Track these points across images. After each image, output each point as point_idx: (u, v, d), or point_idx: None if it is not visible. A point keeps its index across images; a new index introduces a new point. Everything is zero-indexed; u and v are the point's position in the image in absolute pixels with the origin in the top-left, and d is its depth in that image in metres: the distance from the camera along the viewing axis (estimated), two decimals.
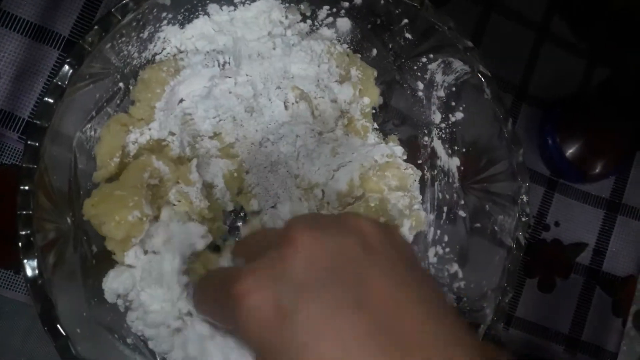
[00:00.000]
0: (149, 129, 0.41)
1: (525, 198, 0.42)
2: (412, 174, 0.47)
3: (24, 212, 0.32)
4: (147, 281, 0.39)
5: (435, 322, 0.25)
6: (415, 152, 0.48)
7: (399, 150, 0.46)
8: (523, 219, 0.42)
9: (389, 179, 0.45)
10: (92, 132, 0.40)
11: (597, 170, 0.60)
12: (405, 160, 0.47)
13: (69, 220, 0.37)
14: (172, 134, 0.42)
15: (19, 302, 0.46)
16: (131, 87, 0.41)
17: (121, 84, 0.40)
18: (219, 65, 0.44)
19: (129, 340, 0.39)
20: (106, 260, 0.39)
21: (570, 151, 0.59)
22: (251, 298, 0.25)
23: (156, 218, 0.40)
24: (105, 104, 0.39)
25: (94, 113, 0.38)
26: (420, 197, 0.48)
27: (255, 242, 0.31)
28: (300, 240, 0.26)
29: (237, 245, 0.34)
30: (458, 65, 0.42)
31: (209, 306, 0.32)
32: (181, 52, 0.43)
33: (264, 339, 0.25)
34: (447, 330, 0.25)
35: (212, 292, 0.30)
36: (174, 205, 0.40)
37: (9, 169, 0.46)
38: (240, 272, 0.26)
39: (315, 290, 0.25)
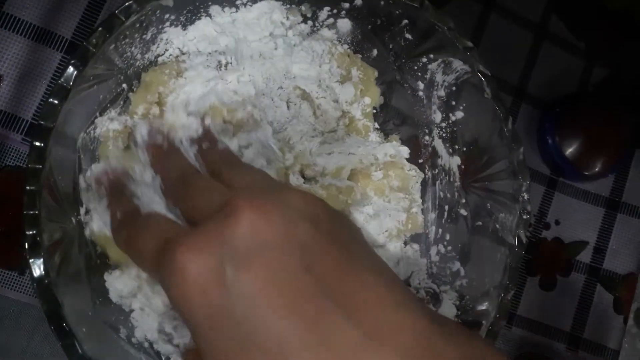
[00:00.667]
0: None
1: (526, 196, 0.42)
2: (414, 176, 0.47)
3: (31, 212, 0.33)
4: (150, 281, 0.39)
5: (385, 289, 0.26)
6: (416, 152, 0.48)
7: (405, 150, 0.46)
8: (524, 217, 0.42)
9: (391, 179, 0.46)
10: (96, 133, 0.40)
11: (596, 169, 0.60)
12: (407, 160, 0.47)
13: (73, 220, 0.37)
14: None
15: (23, 303, 0.46)
16: (134, 89, 0.41)
17: (124, 85, 0.40)
18: (220, 67, 0.44)
19: (134, 340, 0.39)
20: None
21: (569, 150, 0.60)
22: (191, 262, 0.25)
23: None
24: (109, 105, 0.40)
25: (97, 114, 0.39)
26: (420, 200, 0.48)
27: (197, 195, 0.30)
28: (245, 212, 0.25)
29: (174, 190, 0.32)
30: (458, 65, 0.43)
31: (136, 253, 0.30)
32: (183, 53, 0.43)
33: (200, 307, 0.25)
34: (397, 296, 0.26)
35: (145, 242, 0.29)
36: None
37: (13, 171, 0.47)
38: (181, 232, 0.26)
39: (259, 256, 0.25)
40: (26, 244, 0.32)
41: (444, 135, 0.47)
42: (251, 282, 0.24)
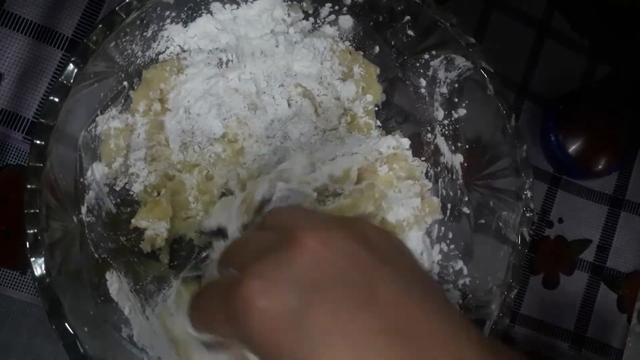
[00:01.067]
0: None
1: (529, 193, 0.42)
2: (418, 166, 0.47)
3: (31, 211, 0.32)
4: None
5: (443, 321, 0.25)
6: (418, 150, 0.48)
7: (406, 142, 0.46)
8: (527, 215, 0.42)
9: (396, 171, 0.45)
10: (97, 131, 0.40)
11: (600, 167, 0.60)
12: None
13: (74, 219, 0.37)
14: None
15: (25, 302, 0.46)
16: (135, 87, 0.41)
17: (125, 83, 0.40)
18: (221, 64, 0.44)
19: (136, 339, 0.39)
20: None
21: (572, 147, 0.59)
22: (259, 301, 0.24)
23: None
24: (110, 103, 0.39)
25: (98, 112, 0.39)
26: (430, 184, 0.47)
27: (250, 245, 0.29)
28: (306, 242, 0.25)
29: (226, 255, 0.31)
30: (460, 61, 0.43)
31: (208, 319, 0.29)
32: (184, 51, 0.43)
33: (274, 343, 0.25)
34: (456, 328, 0.26)
35: (212, 303, 0.28)
36: None
37: (14, 170, 0.46)
38: (244, 276, 0.25)
39: (323, 291, 0.25)
40: (27, 243, 0.32)
41: (446, 132, 0.47)
42: (320, 316, 0.24)
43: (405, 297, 0.25)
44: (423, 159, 0.48)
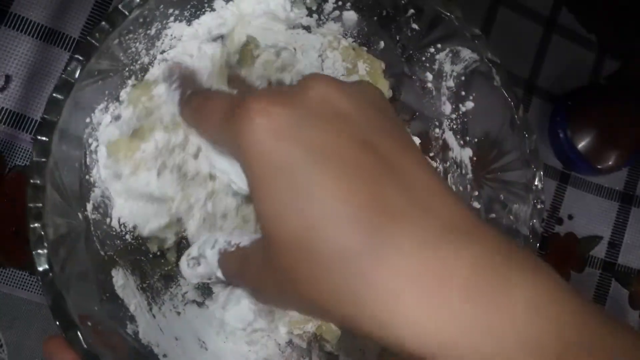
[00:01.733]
0: None
1: (539, 185, 0.41)
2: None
3: (34, 205, 0.32)
4: None
5: (438, 177, 0.26)
6: (426, 146, 0.48)
7: (415, 140, 0.45)
8: (538, 207, 0.41)
9: None
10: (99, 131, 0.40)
11: (609, 162, 0.59)
12: None
13: (80, 216, 0.37)
14: None
15: (34, 303, 0.46)
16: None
17: (130, 82, 0.40)
18: None
19: (141, 336, 0.39)
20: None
21: (582, 144, 0.59)
22: (268, 111, 0.25)
23: None
24: (114, 102, 0.39)
25: (103, 110, 0.39)
26: (441, 167, 0.47)
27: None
28: (322, 82, 0.26)
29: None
30: (466, 53, 0.42)
31: (202, 118, 0.31)
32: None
33: (269, 153, 0.25)
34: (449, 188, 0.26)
35: (210, 104, 0.30)
36: None
37: (23, 171, 0.47)
38: (254, 94, 0.26)
39: (331, 121, 0.25)
40: (30, 238, 0.32)
41: (454, 127, 0.46)
42: (322, 139, 0.24)
43: (405, 154, 0.26)
44: (432, 154, 0.48)
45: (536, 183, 0.41)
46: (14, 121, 0.47)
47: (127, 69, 0.39)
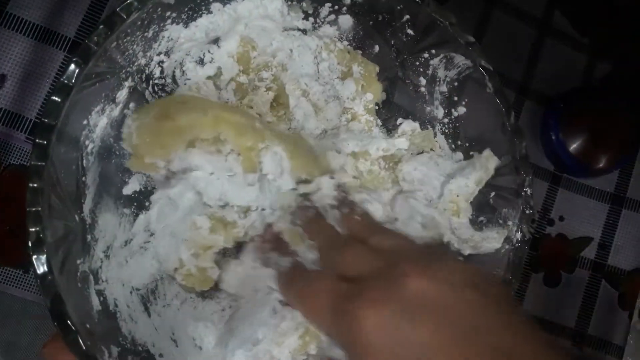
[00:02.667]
0: None
1: (529, 191, 0.42)
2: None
3: (34, 209, 0.33)
4: None
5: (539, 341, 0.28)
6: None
7: (401, 142, 0.46)
8: (527, 212, 0.42)
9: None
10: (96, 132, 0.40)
11: (600, 164, 0.60)
12: None
13: (77, 217, 0.38)
14: None
15: (27, 301, 0.47)
16: (139, 87, 0.41)
17: (126, 84, 0.40)
18: None
19: (137, 339, 0.39)
20: None
21: (573, 146, 0.59)
22: (371, 312, 0.28)
23: None
24: (111, 104, 0.40)
25: (100, 113, 0.39)
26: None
27: (360, 262, 0.32)
28: (414, 271, 0.29)
29: (330, 254, 0.35)
30: (460, 60, 0.43)
31: (306, 306, 0.34)
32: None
33: (382, 349, 0.28)
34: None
35: (317, 298, 0.32)
36: None
37: (17, 170, 0.47)
38: (355, 288, 0.30)
39: (430, 313, 0.28)
40: (29, 241, 0.32)
41: (446, 131, 0.47)
42: (425, 332, 0.27)
43: (506, 324, 0.28)
44: None
45: (525, 189, 0.42)
46: (9, 120, 0.47)
47: (123, 70, 0.39)
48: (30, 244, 0.32)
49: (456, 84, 0.45)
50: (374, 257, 0.32)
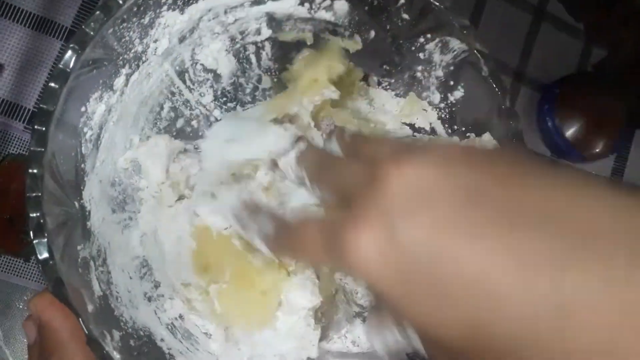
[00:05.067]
0: None
1: None
2: None
3: (34, 195, 0.33)
4: None
5: (570, 187, 0.23)
6: (415, 134, 0.49)
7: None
8: None
9: None
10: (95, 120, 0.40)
11: (597, 149, 0.60)
12: None
13: (76, 204, 0.38)
14: None
15: (29, 289, 0.47)
16: (135, 74, 0.41)
17: (123, 71, 0.41)
18: None
19: (137, 326, 0.39)
20: None
21: (569, 131, 0.60)
22: (361, 242, 0.25)
23: None
24: (108, 91, 0.40)
25: (98, 99, 0.39)
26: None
27: (340, 175, 0.31)
28: (393, 168, 0.26)
29: (315, 174, 0.34)
30: (455, 44, 0.43)
31: (300, 252, 0.32)
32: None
33: (387, 277, 0.25)
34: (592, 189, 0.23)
35: (305, 245, 0.30)
36: None
37: (16, 159, 0.47)
38: (339, 218, 0.27)
39: (420, 204, 0.25)
40: (30, 226, 0.33)
41: (443, 115, 0.47)
42: (421, 230, 0.24)
43: (518, 186, 0.24)
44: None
45: None
46: (7, 110, 0.47)
47: (120, 57, 0.39)
48: (31, 230, 0.33)
49: (452, 68, 0.45)
50: (359, 168, 0.29)
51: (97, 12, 0.35)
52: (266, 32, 0.47)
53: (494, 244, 0.22)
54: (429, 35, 0.44)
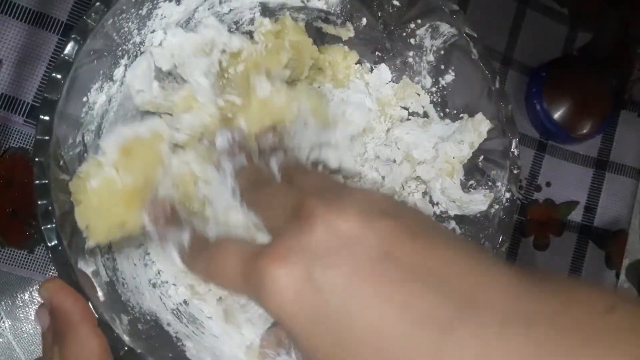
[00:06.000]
0: None
1: (516, 152, 0.44)
2: None
3: (40, 182, 0.34)
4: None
5: (468, 260, 0.26)
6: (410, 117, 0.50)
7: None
8: (515, 172, 0.43)
9: None
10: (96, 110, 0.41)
11: (584, 130, 0.62)
12: None
13: None
14: None
15: (35, 281, 0.47)
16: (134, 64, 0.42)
17: (122, 61, 0.41)
18: None
19: (145, 310, 0.40)
20: None
21: (557, 113, 0.61)
22: (279, 275, 0.26)
23: None
24: (109, 81, 0.41)
25: (99, 89, 0.40)
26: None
27: (271, 203, 0.31)
28: (320, 210, 0.27)
29: (249, 194, 0.34)
30: (445, 28, 0.44)
31: (217, 277, 0.31)
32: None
33: (297, 315, 0.26)
34: (482, 264, 0.26)
35: (222, 266, 0.30)
36: None
37: (17, 153, 0.48)
38: (260, 248, 0.27)
39: (339, 253, 0.26)
40: (38, 213, 0.33)
41: (434, 99, 0.48)
42: (337, 277, 0.25)
43: (426, 248, 0.26)
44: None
45: (512, 149, 0.43)
46: (7, 104, 0.48)
47: (120, 48, 0.40)
48: (40, 217, 0.34)
49: (442, 52, 0.46)
50: (287, 197, 0.30)
51: (97, 3, 0.36)
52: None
53: (398, 298, 0.24)
54: (419, 21, 0.45)
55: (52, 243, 0.34)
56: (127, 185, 0.37)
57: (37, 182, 0.34)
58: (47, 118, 0.34)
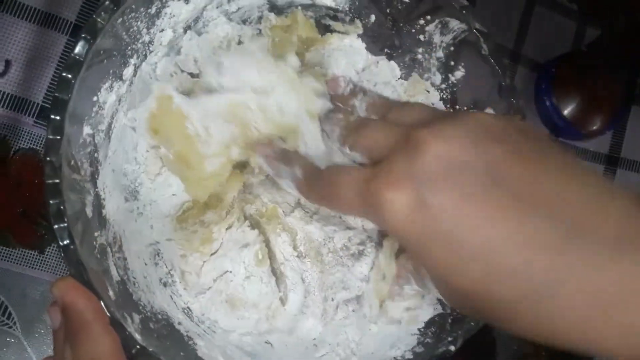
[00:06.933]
0: None
1: None
2: None
3: (52, 182, 0.34)
4: None
5: (579, 186, 0.27)
6: None
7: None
8: None
9: None
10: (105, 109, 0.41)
11: (594, 127, 0.61)
12: None
13: (92, 192, 0.39)
14: None
15: (45, 281, 0.48)
16: (143, 64, 0.42)
17: (132, 61, 0.41)
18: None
19: (156, 309, 0.40)
20: None
21: (567, 110, 0.61)
22: (393, 199, 0.28)
23: None
24: (118, 81, 0.41)
25: (109, 89, 0.40)
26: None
27: (377, 137, 0.33)
28: (429, 138, 0.28)
29: (351, 135, 0.36)
30: (455, 24, 0.44)
31: (335, 199, 0.33)
32: None
33: (411, 233, 0.28)
34: (593, 189, 0.27)
35: (343, 188, 0.32)
36: None
37: (27, 153, 0.48)
38: (374, 173, 0.30)
39: (449, 178, 0.27)
40: (50, 213, 0.33)
41: (444, 96, 0.48)
42: (448, 200, 0.27)
43: (536, 174, 0.27)
44: None
45: None
46: (17, 105, 0.48)
47: (129, 47, 0.40)
48: (52, 216, 0.34)
49: (452, 48, 0.46)
50: (392, 132, 0.32)
51: (107, 2, 0.36)
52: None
53: (507, 223, 0.26)
54: (428, 17, 0.45)
55: (64, 242, 0.34)
56: (178, 152, 0.41)
57: (48, 181, 0.34)
58: (58, 118, 0.34)
